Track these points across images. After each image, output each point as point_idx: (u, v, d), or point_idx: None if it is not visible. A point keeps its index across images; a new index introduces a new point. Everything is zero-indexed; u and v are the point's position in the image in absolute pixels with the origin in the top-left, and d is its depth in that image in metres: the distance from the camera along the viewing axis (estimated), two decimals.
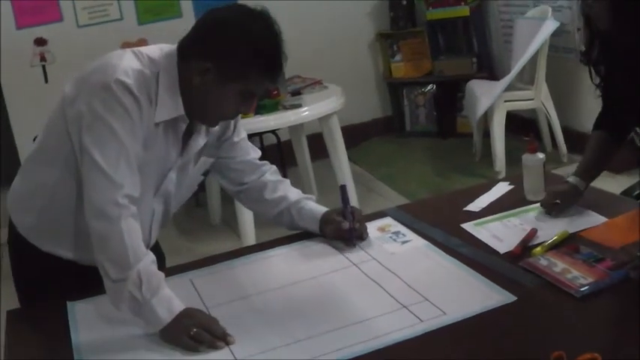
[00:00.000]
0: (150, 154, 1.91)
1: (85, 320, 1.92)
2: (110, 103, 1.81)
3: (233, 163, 2.21)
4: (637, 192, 2.73)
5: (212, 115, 1.96)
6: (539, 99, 5.17)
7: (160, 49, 1.94)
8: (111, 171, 1.80)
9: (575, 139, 5.22)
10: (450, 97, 6.20)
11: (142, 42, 5.09)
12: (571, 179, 2.28)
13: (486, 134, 5.41)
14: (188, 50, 1.90)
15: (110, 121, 1.80)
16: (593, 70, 2.28)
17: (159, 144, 1.93)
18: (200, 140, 2.03)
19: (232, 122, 2.12)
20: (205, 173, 2.16)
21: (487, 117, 5.25)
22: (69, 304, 1.99)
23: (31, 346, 1.88)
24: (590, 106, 5.08)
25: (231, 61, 1.84)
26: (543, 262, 1.93)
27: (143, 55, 1.91)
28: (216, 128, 2.07)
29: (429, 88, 6.25)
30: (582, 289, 1.78)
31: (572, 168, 4.81)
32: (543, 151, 5.40)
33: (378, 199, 5.09)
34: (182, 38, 1.93)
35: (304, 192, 2.31)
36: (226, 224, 5.03)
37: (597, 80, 2.28)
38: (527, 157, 2.38)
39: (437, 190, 5.01)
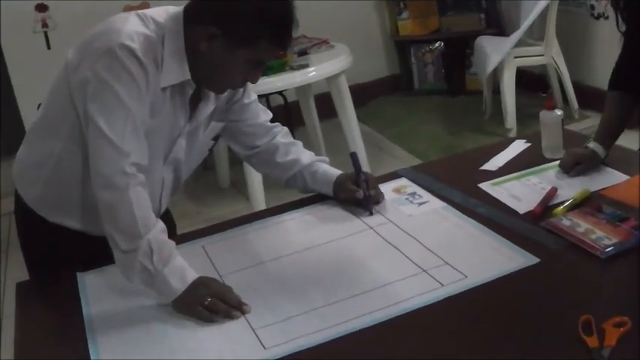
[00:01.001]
0: (157, 121, 1.84)
1: (96, 292, 1.88)
2: (115, 69, 1.74)
3: (244, 126, 2.14)
4: None
5: (219, 82, 1.89)
6: (549, 54, 5.09)
7: (166, 11, 1.87)
8: (117, 139, 1.74)
9: (586, 95, 5.16)
10: (458, 54, 6.10)
11: (145, 5, 5.01)
12: (591, 145, 2.22)
13: (496, 91, 5.34)
14: (195, 14, 1.82)
15: (115, 87, 1.74)
16: (620, 18, 2.20)
17: (166, 110, 1.86)
18: (209, 105, 1.97)
19: None
20: (216, 138, 2.10)
21: (497, 73, 5.17)
22: (79, 275, 1.95)
23: (42, 319, 1.84)
24: (601, 60, 5.07)
25: (241, 28, 1.76)
26: (566, 222, 1.87)
27: (148, 17, 1.83)
28: (225, 93, 2.01)
29: (436, 45, 6.15)
30: (607, 250, 1.73)
31: (584, 124, 4.84)
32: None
33: (389, 158, 5.03)
34: (190, 0, 1.85)
35: (313, 153, 2.26)
36: (235, 187, 4.98)
37: (623, 28, 2.21)
38: (544, 114, 2.31)
39: (448, 149, 4.95)
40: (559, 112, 2.31)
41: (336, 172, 2.20)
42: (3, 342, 3.38)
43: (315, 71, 4.39)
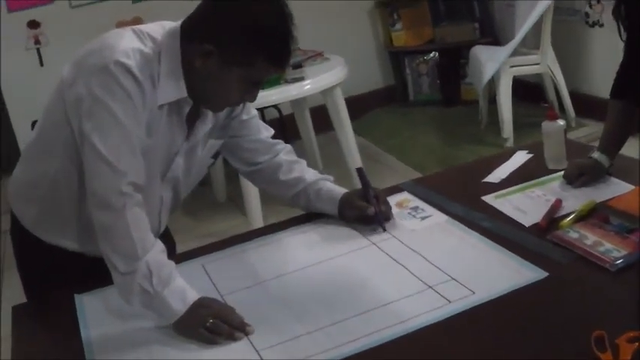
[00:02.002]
0: (154, 139, 1.80)
1: (95, 313, 1.83)
2: (110, 86, 1.69)
3: (244, 142, 2.10)
4: None
5: (215, 101, 1.85)
6: (545, 63, 5.07)
7: (162, 26, 1.82)
8: (113, 158, 1.69)
9: (583, 103, 5.14)
10: (452, 65, 6.09)
11: (138, 20, 4.98)
12: (595, 155, 2.18)
13: (491, 101, 5.32)
14: (191, 30, 1.77)
15: (110, 105, 1.69)
16: (621, 26, 2.17)
17: (163, 128, 1.82)
18: (207, 123, 1.93)
19: None
20: (215, 156, 2.06)
21: (492, 83, 5.15)
22: (77, 297, 1.90)
23: (40, 343, 1.80)
24: (597, 67, 5.05)
25: (236, 47, 1.71)
26: (573, 234, 1.84)
27: (144, 33, 1.79)
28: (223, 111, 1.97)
29: (431, 55, 6.14)
30: (617, 263, 1.69)
31: (581, 132, 4.81)
32: None
33: (387, 171, 5.00)
34: (187, 17, 1.81)
35: (309, 166, 2.21)
36: (232, 202, 4.95)
37: (625, 36, 2.18)
38: (547, 125, 2.28)
39: (445, 160, 4.92)
40: (561, 122, 2.27)
41: (341, 190, 2.14)
42: None
43: (311, 84, 4.37)
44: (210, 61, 1.73)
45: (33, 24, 5.09)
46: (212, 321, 1.66)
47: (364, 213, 2.05)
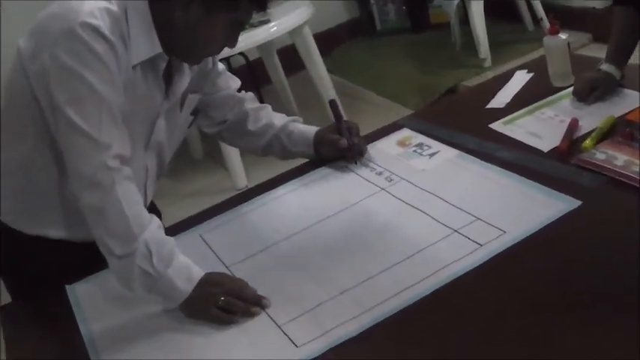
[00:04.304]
0: (133, 103, 1.62)
1: (92, 304, 1.67)
2: (79, 52, 1.50)
3: (217, 97, 1.96)
4: None
5: (196, 51, 1.69)
6: None
7: None
8: (94, 131, 1.51)
9: (558, 14, 4.94)
10: None
11: None
12: (604, 67, 2.03)
13: (462, 21, 5.14)
14: None
15: (82, 73, 1.50)
16: None
17: (140, 90, 1.64)
18: (185, 77, 1.76)
19: None
20: (195, 112, 1.89)
21: (463, 3, 4.96)
22: (68, 288, 1.73)
23: (36, 345, 1.63)
24: None
25: None
26: (600, 155, 1.69)
27: None
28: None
29: None
30: None
31: None
32: (525, 31, 5.20)
33: (366, 106, 4.81)
34: None
35: (284, 110, 2.09)
36: (209, 157, 4.75)
37: None
38: (549, 40, 2.12)
39: (424, 88, 4.74)
40: (564, 35, 2.11)
41: (313, 129, 2.04)
42: None
43: (277, 25, 4.18)
44: (192, 11, 1.56)
45: None
46: (224, 298, 1.50)
47: (337, 145, 1.97)
